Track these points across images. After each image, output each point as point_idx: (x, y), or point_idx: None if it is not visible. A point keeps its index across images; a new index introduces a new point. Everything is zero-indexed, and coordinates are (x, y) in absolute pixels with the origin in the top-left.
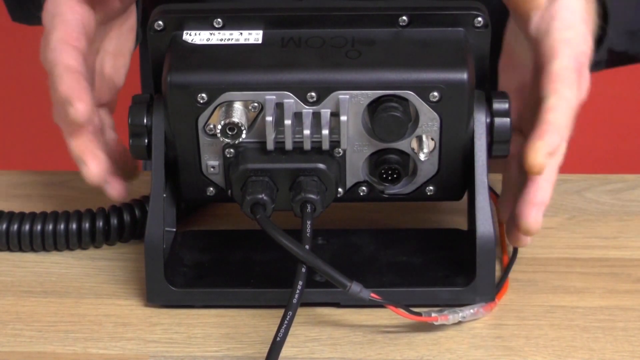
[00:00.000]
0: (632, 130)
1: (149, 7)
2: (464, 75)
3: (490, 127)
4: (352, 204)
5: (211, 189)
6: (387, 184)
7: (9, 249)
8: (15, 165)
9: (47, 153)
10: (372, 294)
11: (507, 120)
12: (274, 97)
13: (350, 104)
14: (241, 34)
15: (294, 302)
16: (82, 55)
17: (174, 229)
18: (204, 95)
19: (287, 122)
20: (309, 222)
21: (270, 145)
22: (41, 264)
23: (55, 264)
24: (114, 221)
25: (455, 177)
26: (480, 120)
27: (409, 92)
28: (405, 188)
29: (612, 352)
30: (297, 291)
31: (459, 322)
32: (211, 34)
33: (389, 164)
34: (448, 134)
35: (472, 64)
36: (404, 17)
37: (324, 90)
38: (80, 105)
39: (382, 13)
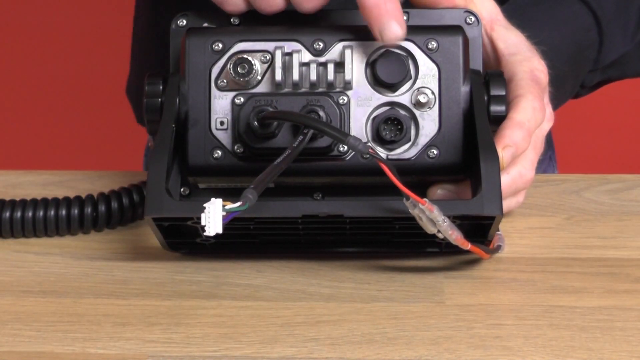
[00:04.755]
0: (631, 130)
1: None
2: (460, 29)
3: (487, 84)
4: None
5: (218, 152)
6: (389, 145)
7: (13, 236)
8: (13, 165)
9: (46, 153)
10: (370, 150)
11: (500, 72)
12: (284, 45)
13: (355, 53)
14: None
15: (294, 145)
16: None
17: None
18: (219, 43)
19: (295, 69)
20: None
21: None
22: (40, 264)
23: (54, 263)
24: (114, 205)
25: (457, 137)
26: (476, 75)
27: (408, 42)
28: (407, 152)
29: (610, 352)
30: (299, 140)
31: (439, 233)
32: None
33: (391, 117)
34: (447, 86)
35: (468, 40)
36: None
37: (330, 40)
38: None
39: None
